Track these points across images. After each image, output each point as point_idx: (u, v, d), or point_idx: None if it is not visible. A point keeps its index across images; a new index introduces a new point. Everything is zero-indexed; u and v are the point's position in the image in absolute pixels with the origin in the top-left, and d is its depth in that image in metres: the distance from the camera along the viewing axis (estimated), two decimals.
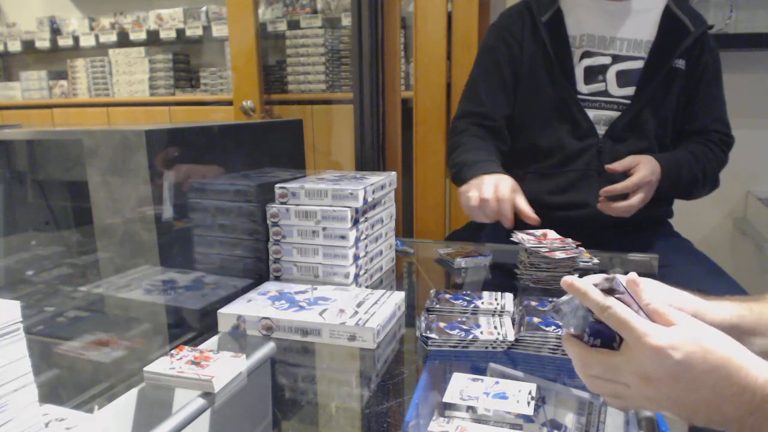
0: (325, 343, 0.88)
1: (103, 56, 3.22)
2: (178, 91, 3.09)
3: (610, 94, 1.34)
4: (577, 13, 1.37)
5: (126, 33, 3.16)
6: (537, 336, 0.83)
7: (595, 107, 1.35)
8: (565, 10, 1.37)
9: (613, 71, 1.34)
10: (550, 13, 1.37)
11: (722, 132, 1.39)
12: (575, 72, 1.35)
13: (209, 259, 0.99)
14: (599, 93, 1.35)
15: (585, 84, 1.35)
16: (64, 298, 1.06)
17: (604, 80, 1.35)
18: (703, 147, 1.35)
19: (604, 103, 1.34)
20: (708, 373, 0.51)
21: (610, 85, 1.34)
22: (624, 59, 1.34)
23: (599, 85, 1.35)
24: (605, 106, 1.34)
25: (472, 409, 0.65)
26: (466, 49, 2.17)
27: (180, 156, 0.91)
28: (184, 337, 0.91)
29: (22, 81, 3.48)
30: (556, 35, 1.36)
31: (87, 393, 0.77)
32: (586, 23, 1.36)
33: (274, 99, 2.71)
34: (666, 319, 0.54)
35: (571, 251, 1.10)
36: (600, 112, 1.34)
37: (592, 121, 1.34)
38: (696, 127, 1.38)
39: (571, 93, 1.34)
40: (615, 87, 1.34)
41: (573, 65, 1.35)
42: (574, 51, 1.36)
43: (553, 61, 1.35)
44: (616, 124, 1.33)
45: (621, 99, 1.34)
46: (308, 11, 2.71)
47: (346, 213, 1.03)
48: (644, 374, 0.52)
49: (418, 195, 2.30)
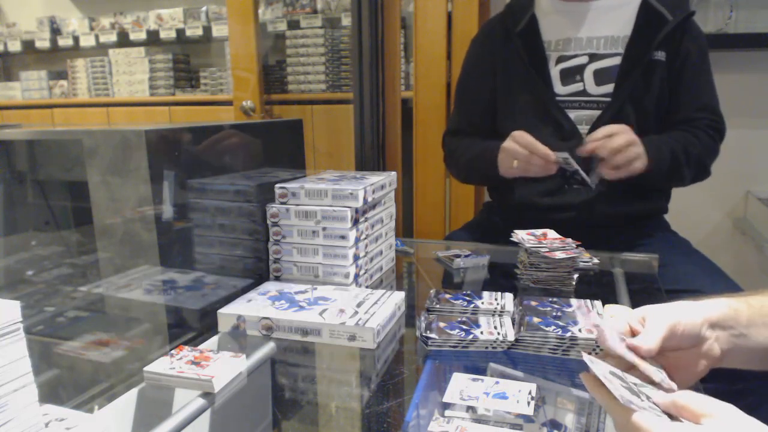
0: (325, 343, 0.88)
1: (103, 56, 3.22)
2: (178, 91, 3.09)
3: (589, 93, 1.35)
4: (550, 19, 1.39)
5: (126, 33, 3.16)
6: (537, 336, 0.83)
7: (575, 107, 1.35)
8: (539, 16, 1.39)
9: (590, 70, 1.35)
10: (524, 22, 1.39)
11: (710, 119, 1.35)
12: (551, 75, 1.36)
13: (209, 259, 0.99)
14: (577, 93, 1.35)
15: (562, 85, 1.36)
16: (64, 298, 1.06)
17: (581, 80, 1.35)
18: (686, 133, 1.33)
19: (584, 102, 1.35)
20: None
21: (588, 84, 1.35)
22: (601, 57, 1.35)
23: (577, 85, 1.35)
24: (585, 106, 1.35)
25: (472, 409, 0.65)
26: (466, 49, 2.17)
27: (180, 156, 0.91)
28: (184, 337, 0.91)
29: (22, 81, 3.48)
30: (530, 43, 1.38)
31: (87, 393, 0.77)
32: (560, 27, 1.38)
33: (274, 99, 2.71)
34: (693, 412, 0.49)
35: (571, 251, 1.10)
36: (581, 112, 1.35)
37: (574, 122, 1.34)
38: (681, 117, 1.35)
39: (550, 95, 1.35)
40: (593, 86, 1.34)
41: (549, 69, 1.37)
42: (549, 55, 1.37)
43: (529, 67, 1.37)
44: (598, 123, 1.32)
45: (600, 97, 1.34)
46: (308, 11, 2.71)
47: (346, 213, 1.03)
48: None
49: (418, 195, 2.30)
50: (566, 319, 0.87)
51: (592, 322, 0.84)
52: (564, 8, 1.38)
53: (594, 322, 0.86)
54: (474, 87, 1.50)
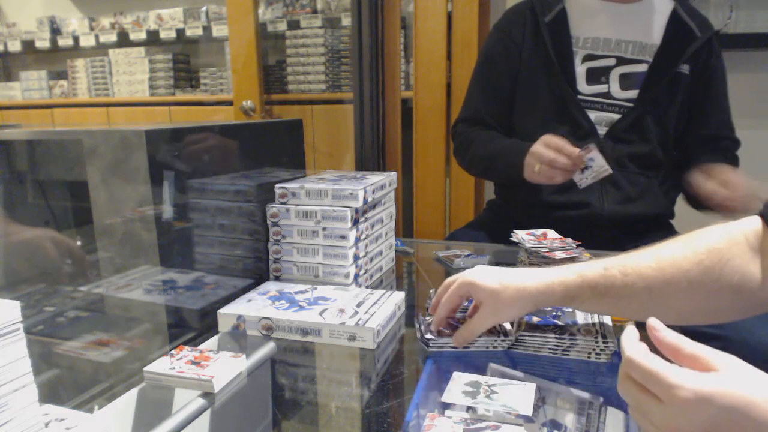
0: (325, 343, 0.88)
1: (103, 56, 3.22)
2: (178, 91, 3.09)
3: (613, 96, 1.34)
4: (581, 15, 1.36)
5: (126, 33, 3.16)
6: (537, 336, 0.82)
7: (597, 108, 1.34)
8: (570, 10, 1.37)
9: (617, 73, 1.34)
10: (553, 14, 1.36)
11: (731, 138, 1.40)
12: (576, 73, 1.35)
13: (209, 259, 0.99)
14: (601, 95, 1.34)
15: (587, 85, 1.35)
16: (64, 298, 1.06)
17: (607, 82, 1.34)
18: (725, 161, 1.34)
19: (606, 105, 1.34)
20: (750, 429, 0.45)
21: (613, 87, 1.34)
22: (628, 62, 1.34)
23: (602, 86, 1.34)
24: (607, 108, 1.34)
25: (472, 409, 0.65)
26: (466, 49, 2.17)
27: (180, 156, 0.91)
28: (184, 337, 0.91)
29: (22, 81, 3.48)
30: (558, 36, 1.35)
31: (87, 393, 0.77)
32: (591, 25, 1.36)
33: (274, 99, 2.72)
34: (704, 363, 0.48)
35: (571, 251, 1.10)
36: (601, 114, 1.34)
37: (593, 122, 1.34)
38: (708, 132, 1.37)
39: (571, 94, 1.34)
40: (618, 89, 1.34)
41: (574, 66, 1.35)
42: (576, 51, 1.36)
43: (554, 62, 1.34)
44: (617, 126, 1.33)
45: (623, 102, 1.33)
46: (308, 11, 2.71)
47: (346, 213, 1.03)
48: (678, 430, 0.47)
49: (418, 195, 2.30)
50: (566, 319, 0.87)
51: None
52: (598, 6, 1.36)
53: None
54: (498, 73, 1.44)
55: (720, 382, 0.46)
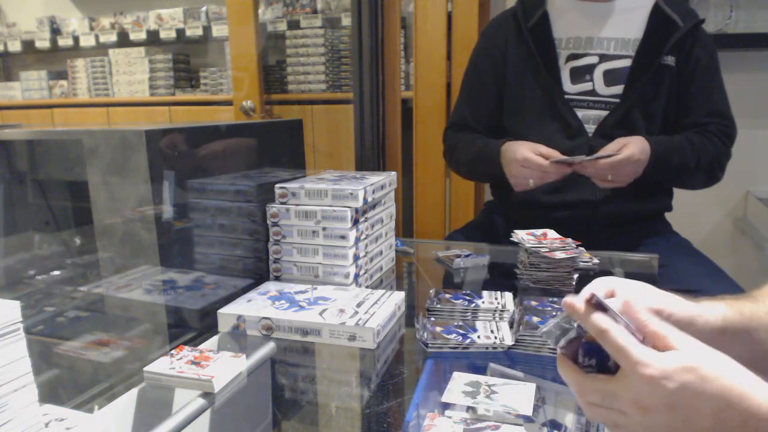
0: (325, 343, 0.88)
1: (103, 56, 3.22)
2: (178, 91, 3.09)
3: (598, 93, 1.35)
4: (563, 16, 1.39)
5: (126, 33, 3.16)
6: (537, 336, 0.82)
7: (583, 107, 1.35)
8: (552, 13, 1.39)
9: (600, 70, 1.35)
10: (536, 18, 1.39)
11: (721, 124, 1.36)
12: (561, 73, 1.36)
13: (209, 259, 0.99)
14: (586, 92, 1.35)
15: (572, 84, 1.36)
16: (64, 298, 1.06)
17: (591, 80, 1.35)
18: (701, 137, 1.33)
19: (592, 102, 1.35)
20: (706, 402, 0.47)
21: (597, 84, 1.35)
22: (611, 58, 1.35)
23: (586, 84, 1.35)
24: (593, 106, 1.35)
25: (472, 409, 0.65)
26: (466, 49, 2.16)
27: (180, 156, 0.91)
28: (184, 337, 0.91)
29: (22, 81, 3.48)
30: (541, 39, 1.38)
31: (87, 393, 0.77)
32: (573, 25, 1.38)
33: (274, 99, 2.71)
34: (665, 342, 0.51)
35: (571, 251, 1.10)
36: (588, 112, 1.35)
37: (581, 120, 1.34)
38: (690, 121, 1.36)
39: (559, 93, 1.35)
40: (602, 86, 1.35)
41: (559, 66, 1.37)
42: (560, 53, 1.37)
43: (540, 65, 1.36)
44: (605, 123, 1.33)
45: (609, 98, 1.34)
46: (308, 11, 2.71)
47: (346, 213, 1.03)
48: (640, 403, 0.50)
49: (418, 195, 2.30)
50: None
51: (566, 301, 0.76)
52: (577, 7, 1.38)
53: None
54: (483, 80, 1.48)
55: (678, 360, 0.49)
